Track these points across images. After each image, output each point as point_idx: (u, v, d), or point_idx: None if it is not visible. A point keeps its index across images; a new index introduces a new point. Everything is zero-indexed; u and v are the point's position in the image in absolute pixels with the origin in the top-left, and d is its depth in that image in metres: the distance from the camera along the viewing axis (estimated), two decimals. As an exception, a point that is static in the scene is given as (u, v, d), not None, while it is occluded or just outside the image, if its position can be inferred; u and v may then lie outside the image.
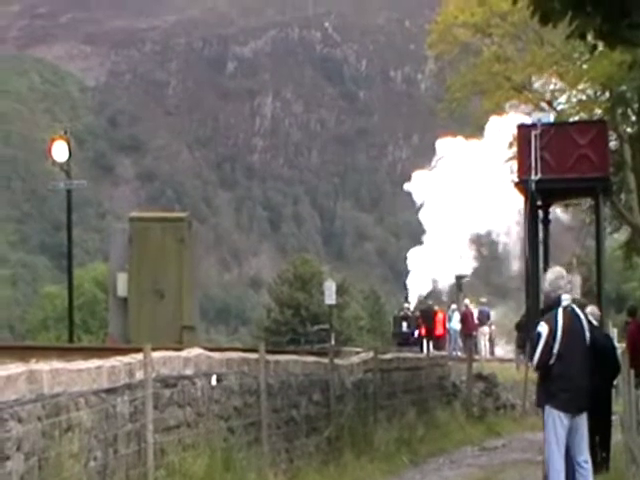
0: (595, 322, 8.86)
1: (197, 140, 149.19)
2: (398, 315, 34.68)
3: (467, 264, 45.06)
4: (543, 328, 8.51)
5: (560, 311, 8.54)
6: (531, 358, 8.84)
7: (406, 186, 53.55)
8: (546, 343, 8.46)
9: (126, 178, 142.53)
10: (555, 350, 8.44)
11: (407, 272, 47.20)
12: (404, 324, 32.86)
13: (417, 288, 44.15)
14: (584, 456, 8.60)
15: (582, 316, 8.65)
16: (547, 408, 8.63)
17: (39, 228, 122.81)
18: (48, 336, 56.96)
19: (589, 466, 8.64)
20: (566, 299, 8.60)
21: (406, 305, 36.69)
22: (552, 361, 8.50)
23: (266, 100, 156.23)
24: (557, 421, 8.49)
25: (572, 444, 8.55)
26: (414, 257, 47.54)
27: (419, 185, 49.33)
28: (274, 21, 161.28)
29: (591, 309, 12.31)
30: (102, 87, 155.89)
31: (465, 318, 30.24)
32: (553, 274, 8.90)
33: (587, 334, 8.58)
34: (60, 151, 21.24)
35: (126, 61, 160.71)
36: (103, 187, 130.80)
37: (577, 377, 8.47)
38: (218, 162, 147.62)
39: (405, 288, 45.53)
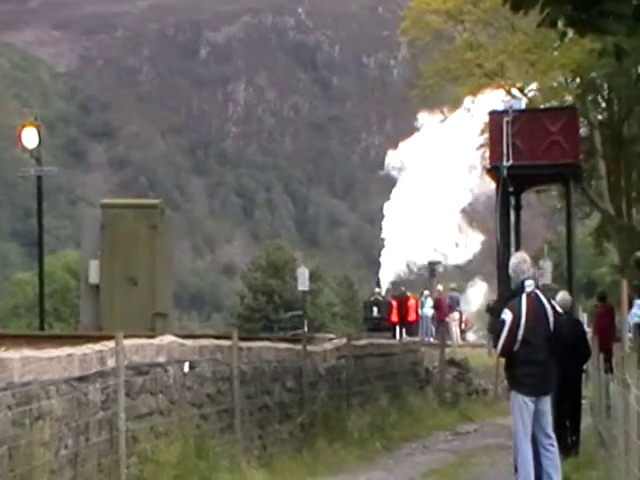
0: (559, 309, 8.92)
1: (170, 126, 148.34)
2: (369, 300, 34.38)
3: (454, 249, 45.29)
4: (507, 315, 8.62)
5: (524, 297, 8.64)
6: (495, 345, 8.94)
7: (388, 160, 53.42)
8: (510, 330, 8.57)
9: (98, 165, 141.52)
10: (519, 337, 8.56)
11: (379, 259, 47.19)
12: (375, 309, 32.66)
13: (389, 273, 44.09)
14: (549, 439, 8.70)
15: (546, 302, 8.73)
16: (513, 393, 8.76)
17: (9, 215, 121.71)
18: (19, 324, 56.53)
19: (554, 449, 8.74)
20: (529, 285, 8.68)
21: (377, 290, 36.38)
22: (516, 347, 8.60)
23: (239, 86, 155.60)
24: (522, 406, 8.61)
25: (537, 427, 8.65)
26: (386, 240, 47.55)
27: (396, 163, 49.38)
28: (247, 7, 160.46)
29: (562, 295, 12.44)
30: (73, 73, 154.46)
31: (438, 304, 30.41)
32: (516, 259, 9.00)
33: (551, 319, 8.67)
34: (30, 137, 21.03)
35: (97, 47, 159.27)
36: (75, 174, 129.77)
37: (541, 362, 8.57)
38: (191, 148, 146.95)
39: (377, 274, 45.45)
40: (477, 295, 50.32)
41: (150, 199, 36.63)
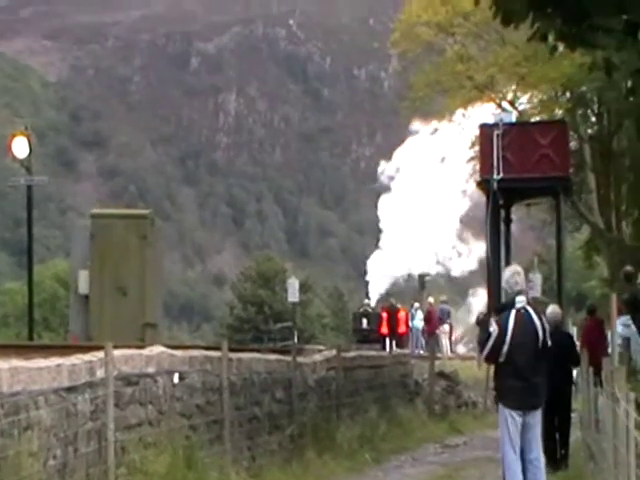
0: (546, 323, 8.92)
1: (160, 136, 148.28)
2: (358, 312, 34.12)
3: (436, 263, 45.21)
4: (494, 328, 8.64)
5: (513, 313, 8.65)
6: (481, 351, 8.97)
7: (381, 169, 53.32)
8: (495, 343, 8.60)
9: (88, 174, 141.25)
10: (504, 350, 8.57)
11: (368, 270, 47.13)
12: (364, 321, 32.45)
13: (378, 285, 44.00)
14: (535, 453, 8.70)
15: (536, 318, 8.73)
16: (500, 407, 8.79)
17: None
18: (8, 333, 56.23)
19: (540, 464, 8.73)
20: (520, 301, 8.68)
21: (366, 301, 36.24)
22: (502, 360, 8.63)
23: (230, 97, 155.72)
24: (509, 419, 8.62)
25: (524, 442, 8.65)
26: (375, 256, 47.59)
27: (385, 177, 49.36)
28: (238, 18, 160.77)
29: (552, 308, 12.46)
30: (64, 82, 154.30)
31: (428, 316, 30.40)
32: (510, 271, 9.01)
33: (540, 336, 8.66)
34: (20, 147, 20.98)
35: (88, 56, 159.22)
36: (65, 183, 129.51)
37: (528, 377, 8.57)
38: (181, 158, 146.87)
39: (366, 285, 45.34)
40: (478, 305, 50.23)
41: (140, 209, 36.60)
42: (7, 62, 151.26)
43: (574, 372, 13.11)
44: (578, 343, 14.26)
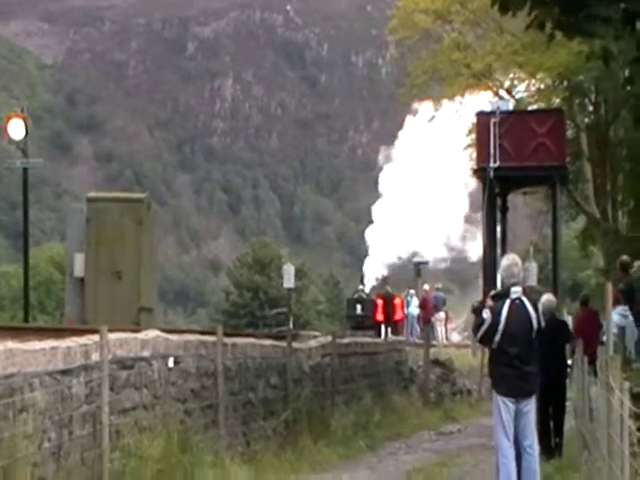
0: (541, 314, 8.93)
1: (157, 121, 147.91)
2: (352, 298, 33.35)
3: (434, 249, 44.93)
4: (487, 315, 8.69)
5: (507, 303, 8.68)
6: (475, 332, 9.01)
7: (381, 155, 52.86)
8: (487, 330, 8.68)
9: (84, 158, 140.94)
10: (496, 338, 8.62)
11: (365, 255, 46.69)
12: (358, 307, 32.09)
13: (373, 271, 43.65)
14: (529, 441, 8.73)
15: (531, 309, 8.75)
16: (494, 394, 8.84)
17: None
18: (3, 316, 56.21)
19: (534, 451, 8.76)
20: (515, 292, 8.70)
21: (361, 287, 35.58)
22: (495, 347, 8.69)
23: (226, 82, 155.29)
24: (502, 406, 8.66)
25: (518, 429, 8.69)
26: (371, 238, 47.15)
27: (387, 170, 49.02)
28: (235, 3, 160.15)
29: (547, 297, 12.48)
30: (60, 65, 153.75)
31: (424, 304, 30.42)
32: (508, 261, 9.01)
33: (535, 326, 8.70)
34: (16, 129, 20.90)
35: (85, 40, 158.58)
36: (60, 166, 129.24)
37: (520, 365, 8.61)
38: (178, 144, 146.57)
39: (361, 270, 44.85)
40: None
41: (136, 193, 36.48)
42: (3, 44, 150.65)
43: (569, 361, 13.15)
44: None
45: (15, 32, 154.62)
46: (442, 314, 31.07)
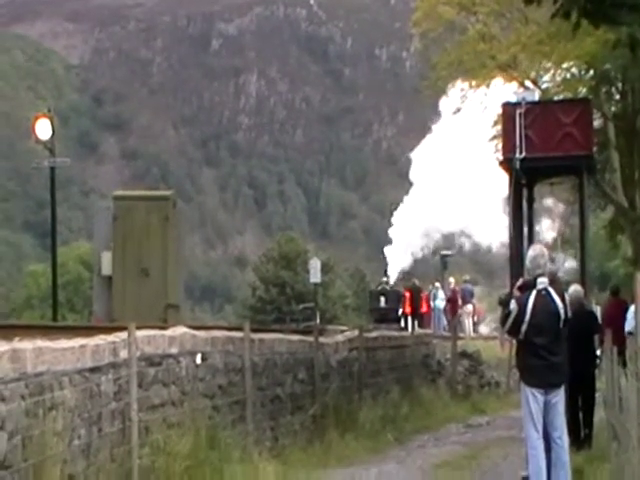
0: (568, 305, 8.87)
1: (182, 118, 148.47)
2: (375, 290, 32.43)
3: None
4: (513, 306, 8.68)
5: (533, 294, 8.64)
6: (502, 324, 9.00)
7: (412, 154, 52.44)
8: (514, 321, 8.66)
9: (111, 156, 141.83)
10: (523, 330, 8.59)
11: (387, 247, 46.07)
12: (382, 299, 31.39)
13: (397, 262, 43.15)
14: (558, 432, 8.69)
15: (558, 299, 8.70)
16: (522, 385, 8.80)
17: (23, 206, 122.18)
18: (32, 315, 56.80)
19: (563, 443, 8.72)
20: (542, 282, 8.67)
21: (384, 279, 33.89)
22: (522, 337, 8.66)
23: (251, 78, 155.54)
24: (530, 397, 8.62)
25: (547, 420, 8.66)
26: (395, 229, 46.70)
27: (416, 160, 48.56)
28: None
29: (574, 287, 12.39)
30: (86, 65, 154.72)
31: (452, 296, 30.33)
32: (534, 251, 8.97)
33: (562, 316, 8.65)
34: (43, 129, 21.07)
35: (110, 39, 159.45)
36: (87, 165, 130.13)
37: (547, 356, 8.56)
38: (203, 140, 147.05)
39: (384, 259, 44.16)
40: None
41: (162, 191, 36.69)
42: (30, 45, 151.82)
43: (598, 352, 13.05)
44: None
45: (41, 33, 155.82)
46: (470, 306, 30.95)
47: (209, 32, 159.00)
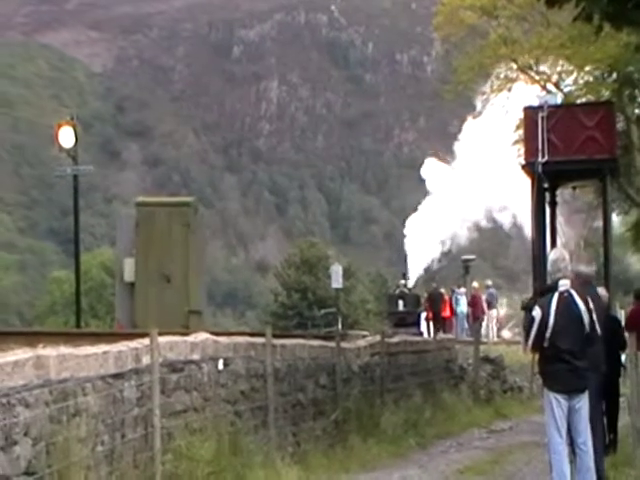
0: (592, 308, 8.78)
1: (203, 125, 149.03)
2: (394, 293, 31.86)
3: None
4: (536, 312, 8.59)
5: (555, 296, 8.57)
6: (526, 340, 8.90)
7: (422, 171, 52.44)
8: (539, 327, 8.53)
9: (133, 163, 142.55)
10: (547, 334, 8.50)
11: (406, 249, 45.73)
12: (400, 303, 30.17)
13: (417, 265, 42.84)
14: (582, 438, 8.60)
15: (580, 302, 8.62)
16: (545, 391, 8.72)
17: (47, 214, 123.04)
18: (56, 321, 57.15)
19: (588, 448, 8.63)
20: (563, 285, 8.60)
21: (402, 282, 33.12)
22: (546, 344, 8.56)
23: (272, 84, 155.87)
24: (554, 402, 8.54)
25: (571, 426, 8.58)
26: (413, 233, 46.45)
27: (432, 172, 48.47)
28: (280, 4, 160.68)
29: (599, 291, 12.28)
30: (109, 73, 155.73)
31: (474, 301, 30.19)
32: (555, 255, 8.92)
33: (585, 319, 8.56)
34: (67, 137, 21.21)
35: (133, 46, 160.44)
36: (110, 172, 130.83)
37: (571, 360, 8.48)
38: (224, 146, 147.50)
39: (405, 261, 43.76)
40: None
41: (184, 197, 36.76)
42: (53, 53, 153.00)
43: (622, 356, 12.94)
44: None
45: (65, 41, 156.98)
46: (494, 311, 30.81)
47: (230, 39, 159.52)
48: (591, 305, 8.70)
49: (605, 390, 11.48)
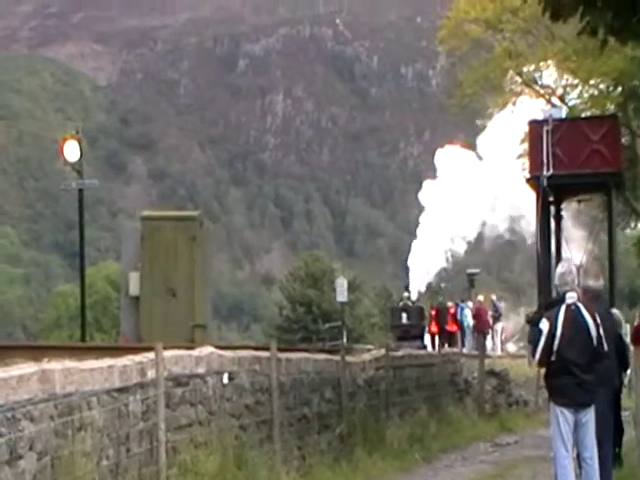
0: (599, 322, 8.73)
1: (209, 138, 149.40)
2: (397, 306, 31.75)
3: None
4: (544, 325, 8.56)
5: (563, 308, 8.55)
6: (533, 354, 8.86)
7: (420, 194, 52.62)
8: (547, 340, 8.50)
9: (138, 177, 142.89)
10: (555, 347, 8.47)
11: (408, 262, 45.64)
12: (404, 315, 30.04)
13: (419, 278, 42.69)
14: (589, 452, 8.56)
15: (587, 315, 8.59)
16: (551, 404, 8.68)
17: (52, 227, 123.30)
18: (61, 335, 57.16)
19: (594, 463, 8.59)
20: (570, 297, 8.58)
21: (406, 294, 33.26)
22: (553, 358, 8.53)
23: (277, 98, 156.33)
24: (560, 417, 8.50)
25: (577, 440, 8.54)
26: (418, 245, 46.44)
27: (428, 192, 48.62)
28: (285, 18, 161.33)
29: (613, 312, 12.24)
30: (114, 86, 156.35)
31: (478, 314, 30.14)
32: (562, 268, 8.90)
33: (593, 333, 8.52)
34: (72, 151, 21.28)
35: (138, 60, 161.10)
36: (115, 186, 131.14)
37: (578, 373, 8.45)
38: (230, 160, 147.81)
39: (406, 273, 43.65)
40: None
41: (189, 211, 36.84)
42: (58, 67, 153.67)
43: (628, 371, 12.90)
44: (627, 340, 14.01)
45: (70, 55, 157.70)
46: (500, 325, 30.75)
47: (235, 52, 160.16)
48: (598, 320, 8.66)
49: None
